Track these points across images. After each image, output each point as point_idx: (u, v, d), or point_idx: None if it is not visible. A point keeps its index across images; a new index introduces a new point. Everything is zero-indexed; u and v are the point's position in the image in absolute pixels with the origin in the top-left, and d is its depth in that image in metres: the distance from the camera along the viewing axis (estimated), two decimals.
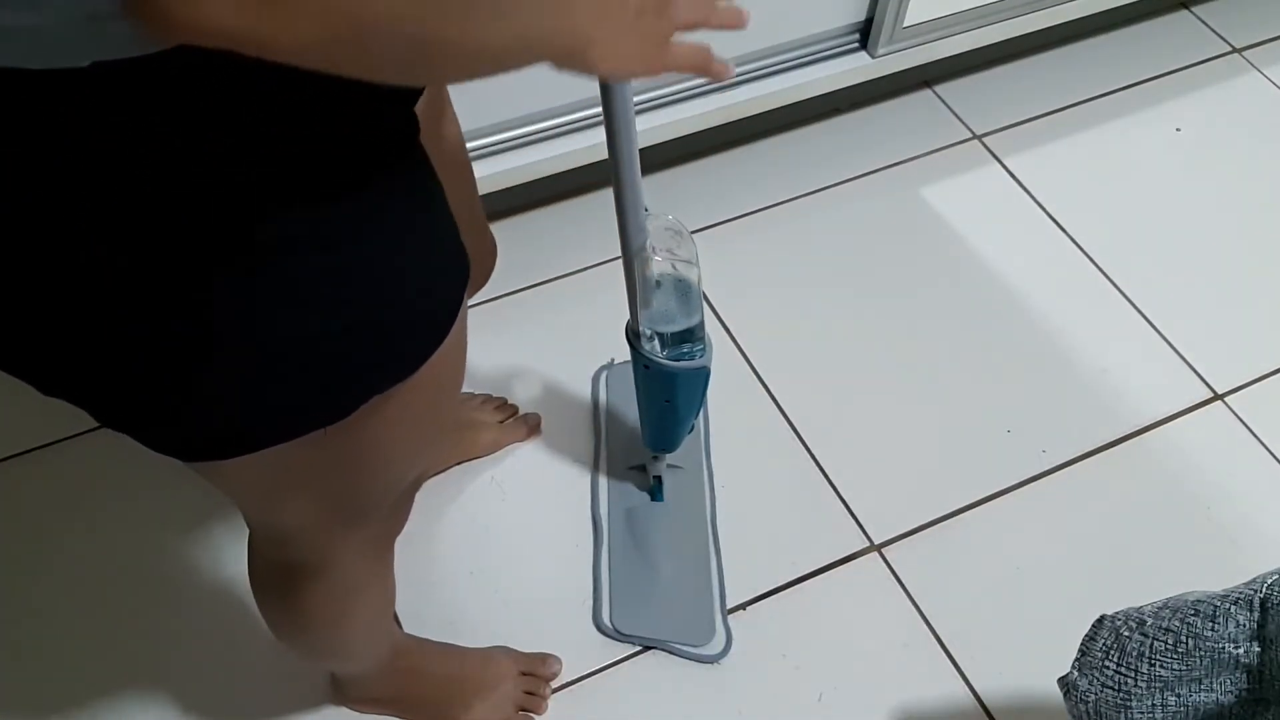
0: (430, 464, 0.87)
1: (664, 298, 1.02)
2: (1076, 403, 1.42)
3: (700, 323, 1.04)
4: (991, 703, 1.18)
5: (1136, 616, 0.81)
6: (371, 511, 0.78)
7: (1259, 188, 1.68)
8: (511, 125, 1.40)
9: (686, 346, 1.05)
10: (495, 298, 1.45)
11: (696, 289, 1.01)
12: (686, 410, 1.13)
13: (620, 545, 1.25)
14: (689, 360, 1.05)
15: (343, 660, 1.01)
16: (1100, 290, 1.53)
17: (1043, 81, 1.78)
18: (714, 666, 1.18)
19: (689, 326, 1.03)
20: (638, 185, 0.96)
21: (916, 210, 1.61)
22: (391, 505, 0.81)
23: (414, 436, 0.71)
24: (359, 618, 0.90)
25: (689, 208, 1.57)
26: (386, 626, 1.01)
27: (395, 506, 0.83)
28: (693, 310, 1.02)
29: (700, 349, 1.05)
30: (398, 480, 0.76)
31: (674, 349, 1.05)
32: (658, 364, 1.05)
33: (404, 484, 0.79)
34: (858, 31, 1.56)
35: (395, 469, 0.74)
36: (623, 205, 0.97)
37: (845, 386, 1.41)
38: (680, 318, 1.03)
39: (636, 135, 0.93)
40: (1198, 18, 1.91)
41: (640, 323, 1.04)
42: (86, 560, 1.21)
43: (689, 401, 1.12)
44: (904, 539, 1.29)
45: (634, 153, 0.94)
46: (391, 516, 0.85)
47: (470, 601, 1.21)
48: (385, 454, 0.70)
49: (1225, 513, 1.32)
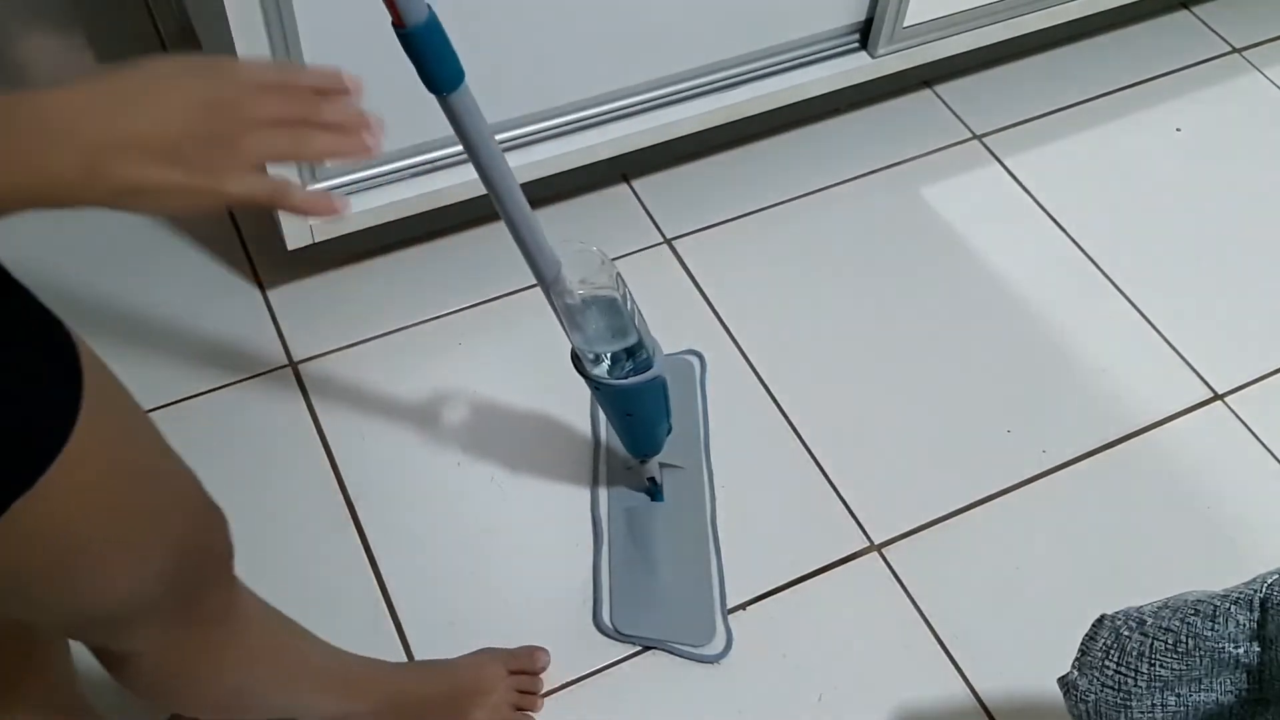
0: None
1: (594, 322, 1.02)
2: (1076, 403, 1.42)
3: (638, 340, 1.03)
4: (991, 703, 1.18)
5: (1136, 616, 0.81)
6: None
7: (1259, 188, 1.68)
8: (513, 125, 1.40)
9: (632, 362, 1.05)
10: (496, 297, 1.45)
11: (625, 307, 1.01)
12: (654, 417, 1.14)
13: (620, 545, 1.25)
14: (637, 374, 1.05)
15: (257, 712, 0.96)
16: (1100, 290, 1.53)
17: (1043, 81, 1.78)
18: (714, 666, 1.18)
19: (626, 346, 1.03)
20: (528, 219, 0.96)
21: (916, 210, 1.61)
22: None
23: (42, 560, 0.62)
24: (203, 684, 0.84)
25: (689, 208, 1.57)
26: (290, 681, 0.96)
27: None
28: (626, 328, 1.02)
29: (645, 360, 1.05)
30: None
31: (619, 366, 1.05)
32: (606, 384, 1.06)
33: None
34: (858, 31, 1.56)
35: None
36: (519, 241, 0.97)
37: (845, 386, 1.41)
38: (615, 338, 1.03)
39: (509, 169, 0.93)
40: (1198, 18, 1.91)
41: (577, 346, 1.04)
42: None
43: (652, 409, 1.13)
44: (904, 539, 1.28)
45: (513, 188, 0.94)
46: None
47: (470, 601, 1.21)
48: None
49: (1225, 512, 1.32)
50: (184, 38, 1.72)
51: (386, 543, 1.24)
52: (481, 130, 0.90)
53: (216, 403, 1.34)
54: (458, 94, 0.87)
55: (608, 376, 1.06)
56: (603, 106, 1.44)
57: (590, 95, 1.43)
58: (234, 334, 1.39)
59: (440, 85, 0.87)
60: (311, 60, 1.19)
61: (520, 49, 1.32)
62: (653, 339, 1.06)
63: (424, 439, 1.33)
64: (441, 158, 1.38)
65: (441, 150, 1.37)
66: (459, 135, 0.90)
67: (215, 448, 1.29)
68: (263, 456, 1.30)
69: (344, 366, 1.39)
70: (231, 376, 1.36)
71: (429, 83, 0.87)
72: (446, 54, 0.86)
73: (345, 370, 1.38)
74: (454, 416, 1.35)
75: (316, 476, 1.29)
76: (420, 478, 1.30)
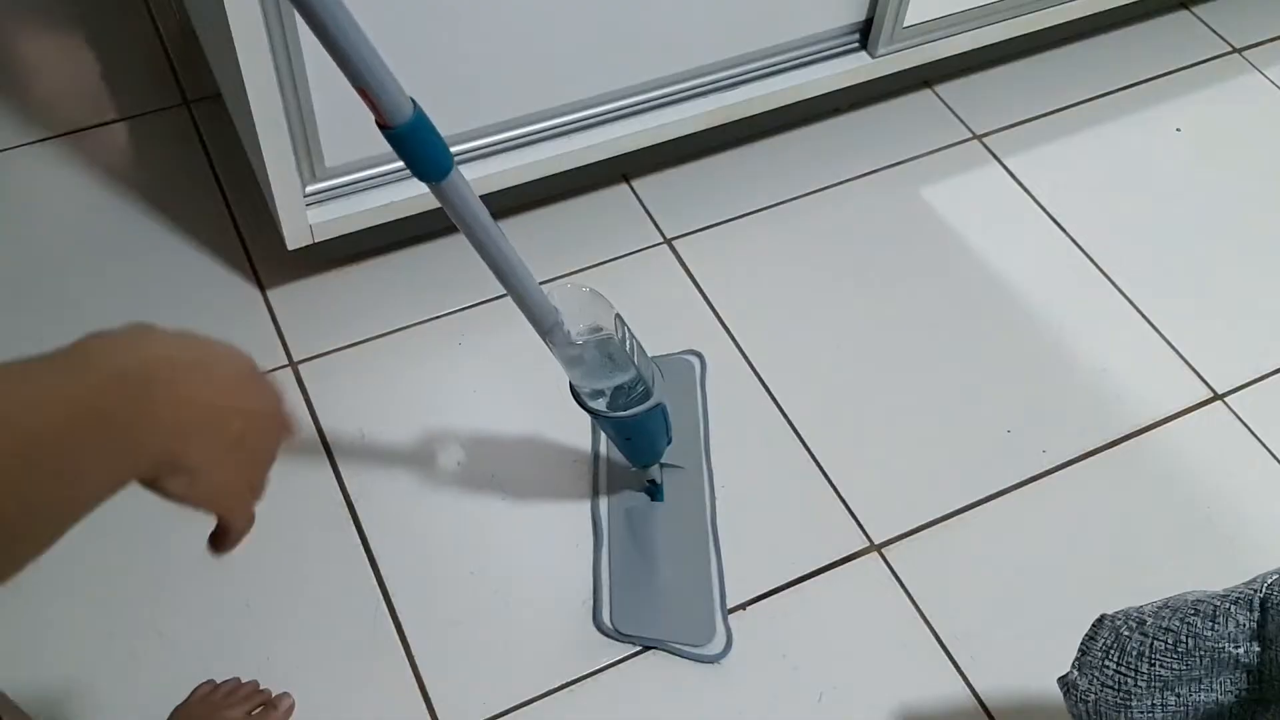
0: None
1: (592, 362, 1.02)
2: (1076, 403, 1.42)
3: (636, 374, 1.03)
4: (991, 703, 1.18)
5: (1136, 616, 0.81)
6: None
7: (1259, 188, 1.68)
8: (513, 125, 1.40)
9: (630, 395, 1.06)
10: (496, 297, 1.45)
11: (623, 346, 1.01)
12: (654, 436, 1.15)
13: (620, 545, 1.25)
14: (636, 406, 1.06)
15: None
16: (1100, 290, 1.54)
17: (1043, 81, 1.78)
18: (714, 666, 1.18)
19: (623, 382, 1.04)
20: (523, 279, 0.96)
21: (916, 210, 1.61)
22: None
23: None
24: None
25: (689, 208, 1.57)
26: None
27: None
28: (624, 366, 1.02)
29: (644, 392, 1.05)
30: None
31: (618, 399, 1.06)
32: (605, 415, 1.07)
33: None
34: (858, 31, 1.56)
35: None
36: (518, 299, 0.98)
37: (845, 386, 1.41)
38: (614, 374, 1.03)
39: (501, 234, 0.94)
40: (1198, 18, 1.91)
41: (576, 384, 1.04)
42: (83, 560, 1.21)
43: (653, 431, 1.13)
44: (904, 539, 1.29)
45: (507, 254, 0.95)
46: None
47: (470, 601, 1.21)
48: None
49: (1225, 512, 1.32)
50: (184, 38, 1.72)
51: (386, 542, 1.25)
52: (473, 209, 0.90)
53: None
54: (449, 180, 0.86)
55: (606, 410, 1.06)
56: (603, 106, 1.44)
57: (590, 95, 1.43)
58: (234, 334, 1.39)
59: (431, 175, 0.86)
60: (311, 62, 1.20)
61: (520, 49, 1.32)
62: (651, 367, 1.06)
63: (424, 439, 1.33)
64: None
65: None
66: (452, 216, 0.90)
67: None
68: None
69: (344, 366, 1.39)
70: None
71: (418, 174, 0.85)
72: (435, 145, 0.84)
73: (345, 370, 1.38)
74: (454, 416, 1.35)
75: (316, 476, 1.29)
76: (420, 477, 1.30)
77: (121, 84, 1.69)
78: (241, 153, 1.46)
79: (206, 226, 1.50)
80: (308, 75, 1.20)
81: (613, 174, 1.58)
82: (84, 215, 1.51)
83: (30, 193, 1.54)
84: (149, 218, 1.51)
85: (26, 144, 1.59)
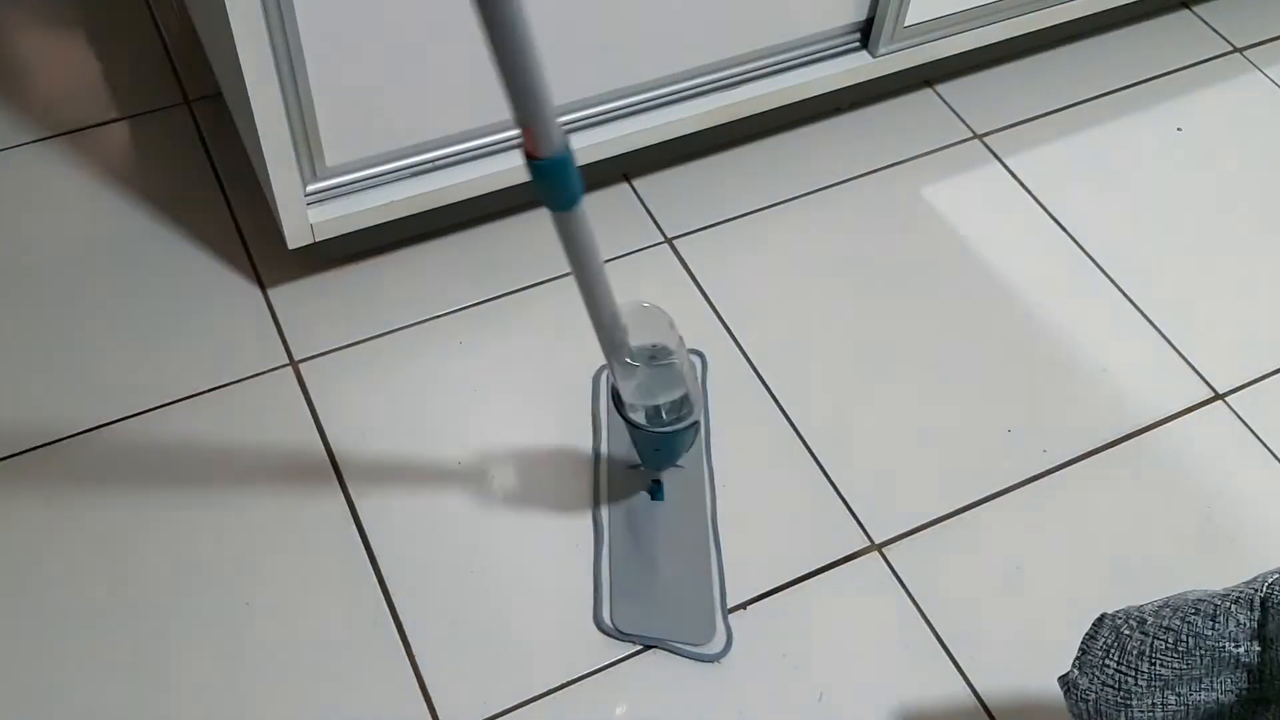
0: None
1: (649, 379, 1.02)
2: (1077, 403, 1.42)
3: (685, 393, 1.03)
4: (991, 702, 1.18)
5: (1137, 615, 0.81)
6: None
7: (1260, 188, 1.68)
8: (509, 126, 1.40)
9: (676, 412, 1.06)
10: (496, 297, 1.45)
11: (682, 368, 1.01)
12: (680, 448, 1.16)
13: (620, 545, 1.25)
14: (678, 423, 1.06)
15: None
16: (1101, 289, 1.53)
17: (1043, 81, 1.78)
18: (714, 666, 1.18)
19: (672, 399, 1.04)
20: (611, 307, 0.97)
21: (917, 210, 1.61)
22: None
23: None
24: None
25: (690, 207, 1.57)
26: None
27: None
28: (677, 383, 1.02)
29: (687, 410, 1.05)
30: None
31: (660, 414, 1.06)
32: (645, 428, 1.07)
33: None
34: (858, 31, 1.56)
35: None
36: (599, 325, 0.99)
37: (845, 386, 1.41)
38: (665, 392, 1.03)
39: (604, 272, 0.95)
40: (1199, 17, 1.91)
41: (626, 397, 1.05)
42: (81, 558, 1.21)
43: (681, 445, 1.14)
44: (904, 539, 1.29)
45: (607, 289, 0.96)
46: None
47: (470, 601, 1.21)
48: None
49: (1225, 512, 1.32)
50: (185, 36, 1.72)
51: (387, 542, 1.25)
52: (591, 237, 0.90)
53: (216, 402, 1.34)
54: (576, 210, 0.88)
55: (647, 424, 1.07)
56: (603, 106, 1.44)
57: (590, 95, 1.43)
58: (234, 333, 1.40)
59: (562, 204, 0.88)
60: (312, 61, 1.20)
61: None
62: (698, 385, 1.07)
63: (424, 438, 1.33)
64: (441, 157, 1.38)
65: (441, 150, 1.37)
66: (567, 248, 0.91)
67: (215, 447, 1.30)
68: (263, 456, 1.30)
69: (345, 366, 1.39)
70: (231, 376, 1.36)
71: (548, 203, 0.87)
72: (575, 176, 0.86)
73: (346, 369, 1.38)
74: (454, 415, 1.35)
75: (317, 476, 1.29)
76: (421, 477, 1.30)
77: (122, 83, 1.69)
78: (242, 151, 1.46)
79: (207, 225, 1.50)
80: (309, 74, 1.20)
81: (613, 173, 1.58)
82: (84, 215, 1.51)
83: (30, 192, 1.54)
84: (149, 217, 1.51)
85: (26, 143, 1.59)
